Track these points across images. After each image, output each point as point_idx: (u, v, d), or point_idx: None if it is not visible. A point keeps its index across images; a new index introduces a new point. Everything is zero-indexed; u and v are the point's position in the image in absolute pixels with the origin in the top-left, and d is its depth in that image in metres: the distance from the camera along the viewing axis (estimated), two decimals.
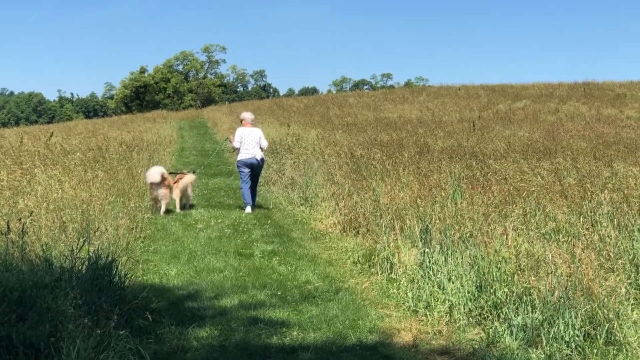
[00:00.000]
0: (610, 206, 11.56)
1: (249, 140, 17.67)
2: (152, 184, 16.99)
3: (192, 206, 18.18)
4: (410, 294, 9.87)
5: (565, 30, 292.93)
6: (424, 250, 10.51)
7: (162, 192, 17.05)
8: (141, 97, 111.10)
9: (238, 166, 18.00)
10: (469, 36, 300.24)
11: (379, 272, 11.34)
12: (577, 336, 7.68)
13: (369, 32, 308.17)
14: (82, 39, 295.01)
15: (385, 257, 11.43)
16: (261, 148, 17.91)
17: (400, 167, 16.73)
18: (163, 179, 16.97)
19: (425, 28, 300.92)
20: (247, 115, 18.44)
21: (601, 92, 49.76)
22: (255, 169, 17.88)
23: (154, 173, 16.98)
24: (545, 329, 7.84)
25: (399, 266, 11.03)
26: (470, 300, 9.11)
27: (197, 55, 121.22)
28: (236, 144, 17.85)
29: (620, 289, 8.38)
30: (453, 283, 9.46)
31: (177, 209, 17.63)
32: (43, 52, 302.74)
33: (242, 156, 17.72)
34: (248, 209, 17.58)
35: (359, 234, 13.82)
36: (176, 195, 17.67)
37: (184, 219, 16.14)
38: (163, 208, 17.08)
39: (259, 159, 17.78)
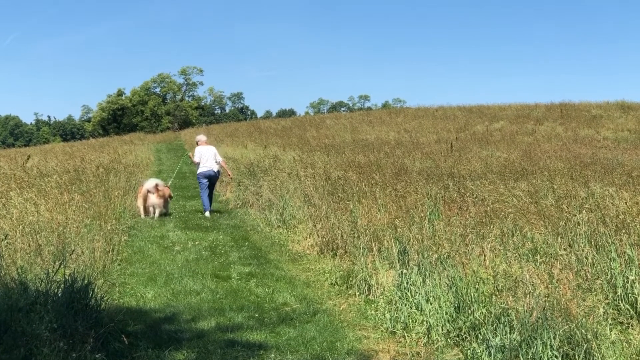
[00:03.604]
0: (588, 226, 11.58)
1: (207, 157, 21.12)
2: (147, 191, 19.98)
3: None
4: (388, 315, 9.84)
5: (542, 52, 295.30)
6: (402, 272, 10.49)
7: (156, 200, 20.07)
8: (118, 119, 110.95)
9: (198, 178, 21.27)
10: (446, 58, 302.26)
11: (357, 294, 11.31)
12: (556, 357, 7.66)
13: (347, 54, 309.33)
14: (59, 61, 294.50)
15: (363, 279, 11.41)
16: (217, 162, 21.26)
17: (377, 188, 16.72)
18: (157, 189, 20.04)
19: (403, 50, 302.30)
20: (202, 137, 22.18)
21: (578, 113, 50.08)
22: (212, 179, 21.26)
23: (150, 182, 20.23)
24: (524, 350, 7.81)
25: (377, 287, 11.02)
26: (449, 321, 9.09)
27: (174, 77, 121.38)
28: (196, 159, 21.24)
29: (598, 309, 8.39)
30: (431, 304, 9.44)
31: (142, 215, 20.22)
32: (19, 74, 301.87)
33: (202, 169, 21.06)
34: (207, 214, 20.70)
35: (336, 255, 13.80)
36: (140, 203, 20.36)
37: (161, 242, 16.07)
38: (157, 214, 20.05)
39: (215, 171, 21.23)
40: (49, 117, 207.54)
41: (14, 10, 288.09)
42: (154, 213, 20.15)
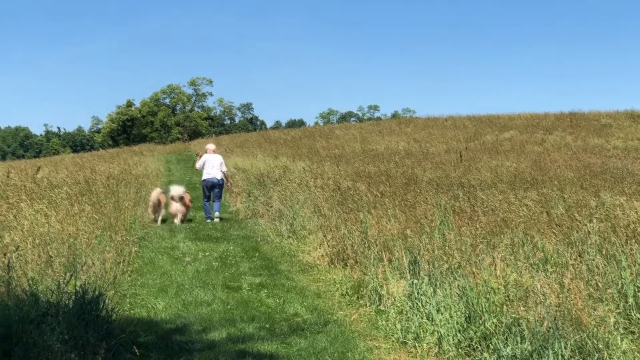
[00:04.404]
0: (598, 236, 11.56)
1: (212, 164, 22.32)
2: (171, 198, 21.40)
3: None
4: (399, 326, 9.84)
5: (551, 61, 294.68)
6: (413, 282, 10.49)
7: (180, 207, 21.42)
8: (128, 130, 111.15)
9: (202, 184, 22.59)
10: (455, 67, 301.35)
11: (368, 304, 11.31)
12: None
13: (356, 64, 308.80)
14: (68, 72, 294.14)
15: (373, 289, 11.41)
16: (222, 171, 22.45)
17: (386, 198, 16.71)
18: (181, 197, 21.36)
19: (412, 59, 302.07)
20: (210, 146, 23.54)
21: (587, 122, 49.97)
22: (215, 186, 22.27)
23: (175, 190, 21.47)
24: None
25: (388, 298, 11.01)
26: (459, 331, 9.08)
27: (184, 88, 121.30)
28: (198, 165, 22.85)
29: (610, 319, 8.37)
30: (442, 314, 9.43)
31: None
32: (29, 86, 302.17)
33: (205, 176, 22.36)
34: (208, 221, 21.90)
35: (347, 265, 13.80)
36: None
37: (171, 252, 16.09)
38: (179, 220, 21.43)
39: (218, 178, 22.24)
40: (58, 128, 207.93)
41: (23, 21, 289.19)
42: (177, 219, 21.49)
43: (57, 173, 26.83)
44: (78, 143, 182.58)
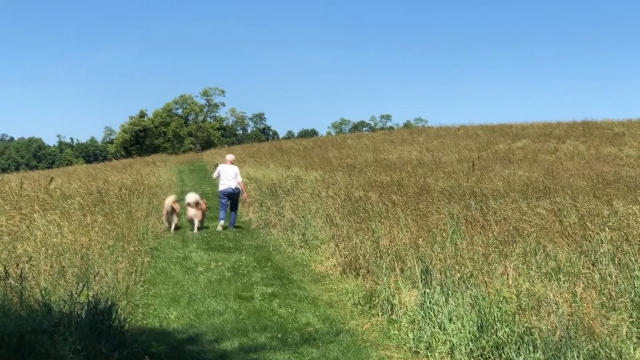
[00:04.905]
0: (611, 245, 11.53)
1: (227, 175, 22.70)
2: (188, 204, 21.91)
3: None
4: (411, 335, 9.83)
5: (563, 70, 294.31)
6: (425, 291, 10.48)
7: (196, 213, 21.82)
8: (141, 141, 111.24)
9: (219, 195, 22.91)
10: (467, 76, 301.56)
11: (380, 314, 11.29)
12: None
13: (368, 73, 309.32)
14: (81, 83, 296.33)
15: (385, 298, 11.39)
16: (237, 181, 22.77)
17: (398, 208, 16.70)
18: (197, 203, 21.85)
19: (424, 69, 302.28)
20: (229, 156, 23.91)
21: (600, 131, 49.83)
22: (231, 196, 22.67)
23: (191, 197, 22.01)
24: None
25: (400, 307, 10.99)
26: (472, 340, 9.06)
27: (196, 98, 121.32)
28: (214, 175, 23.44)
29: (622, 328, 8.34)
30: (454, 323, 9.42)
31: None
32: (42, 97, 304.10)
33: (221, 187, 22.72)
34: (219, 227, 22.17)
35: (359, 275, 13.77)
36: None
37: (183, 262, 16.10)
38: (196, 225, 21.80)
39: (233, 188, 22.59)
40: (71, 139, 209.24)
41: (35, 32, 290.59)
42: (193, 225, 21.89)
43: (69, 184, 26.90)
44: (91, 154, 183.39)
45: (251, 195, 24.94)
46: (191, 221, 21.98)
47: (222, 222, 22.28)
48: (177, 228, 21.95)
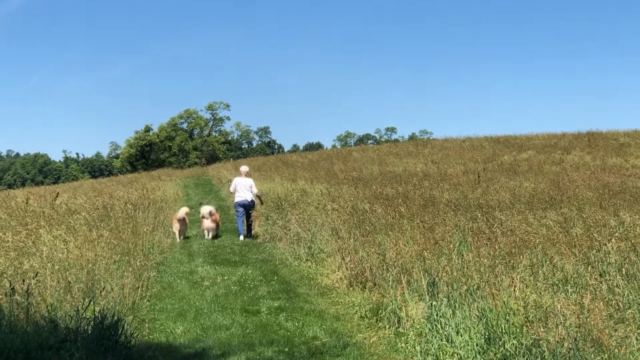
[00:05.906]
0: (618, 256, 11.50)
1: (242, 187, 23.82)
2: (202, 216, 23.61)
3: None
4: (418, 348, 9.81)
5: (568, 81, 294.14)
6: (432, 304, 10.46)
7: (210, 224, 23.50)
8: (146, 155, 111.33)
9: (235, 206, 24.09)
10: (472, 88, 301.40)
11: (387, 326, 11.27)
12: None
13: (373, 86, 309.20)
14: (86, 99, 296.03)
15: (392, 311, 11.37)
16: (253, 193, 23.99)
17: (405, 220, 16.68)
18: (211, 214, 23.51)
19: (429, 81, 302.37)
20: (243, 169, 25.19)
21: (605, 142, 49.74)
22: (246, 208, 23.86)
23: (205, 209, 23.71)
24: None
25: (407, 320, 10.97)
26: (479, 353, 9.03)
27: (201, 113, 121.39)
28: (231, 189, 24.50)
29: (631, 339, 8.31)
30: (461, 336, 9.39)
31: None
32: (47, 113, 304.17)
33: (237, 199, 23.85)
34: (241, 238, 23.34)
35: (365, 288, 13.76)
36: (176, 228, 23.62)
37: (190, 277, 16.09)
38: (210, 236, 23.50)
39: (249, 200, 23.77)
40: (77, 154, 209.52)
41: (41, 48, 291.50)
42: (208, 235, 23.55)
43: (75, 199, 26.90)
44: (97, 169, 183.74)
45: (257, 209, 24.93)
46: (206, 231, 23.52)
47: (241, 237, 23.46)
48: (186, 237, 23.52)
